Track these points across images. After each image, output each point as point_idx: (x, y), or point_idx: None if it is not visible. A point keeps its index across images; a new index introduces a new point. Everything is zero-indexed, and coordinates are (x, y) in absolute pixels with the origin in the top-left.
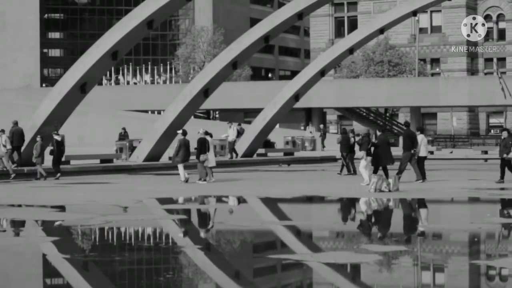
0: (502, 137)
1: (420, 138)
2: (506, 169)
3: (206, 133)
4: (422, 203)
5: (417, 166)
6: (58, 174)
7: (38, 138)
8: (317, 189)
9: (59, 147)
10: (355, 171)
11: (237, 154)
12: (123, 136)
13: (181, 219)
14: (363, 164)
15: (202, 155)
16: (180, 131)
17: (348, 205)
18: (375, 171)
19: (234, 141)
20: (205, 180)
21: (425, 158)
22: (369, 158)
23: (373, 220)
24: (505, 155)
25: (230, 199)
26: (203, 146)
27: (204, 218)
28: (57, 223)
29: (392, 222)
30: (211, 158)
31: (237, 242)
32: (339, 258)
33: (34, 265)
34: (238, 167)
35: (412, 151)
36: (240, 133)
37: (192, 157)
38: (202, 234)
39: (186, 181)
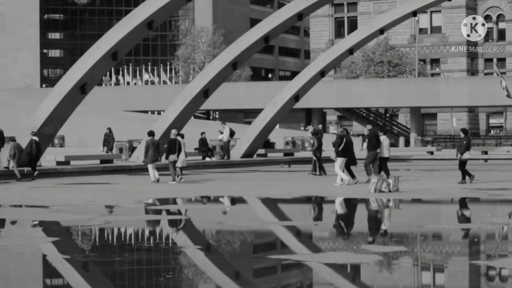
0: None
1: (382, 139)
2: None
3: (178, 134)
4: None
5: (376, 167)
6: (36, 172)
7: (13, 140)
8: (317, 190)
9: (38, 147)
10: (322, 172)
11: (229, 156)
12: (108, 136)
13: (181, 219)
14: (337, 165)
15: (171, 155)
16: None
17: (348, 205)
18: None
19: (228, 141)
20: (174, 180)
21: (387, 159)
22: (340, 159)
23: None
24: (459, 156)
25: (225, 200)
26: (172, 146)
27: (204, 217)
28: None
29: (390, 222)
30: (181, 159)
31: (237, 242)
32: (339, 259)
33: (34, 265)
34: (238, 167)
35: (377, 151)
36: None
37: (194, 157)
38: (202, 234)
39: (157, 181)
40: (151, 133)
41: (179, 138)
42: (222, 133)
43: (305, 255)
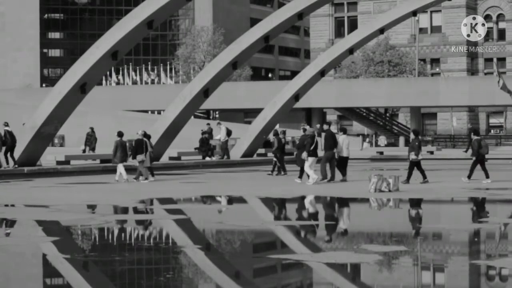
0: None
1: (342, 139)
2: (423, 168)
3: (145, 134)
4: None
5: (329, 166)
6: (5, 166)
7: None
8: (317, 189)
9: (12, 137)
10: (283, 172)
11: (228, 155)
12: (90, 136)
13: (182, 219)
14: (308, 164)
15: (139, 155)
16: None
17: (348, 205)
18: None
19: (226, 141)
20: (146, 178)
21: (347, 158)
22: (311, 158)
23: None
24: (411, 157)
25: (225, 199)
26: (139, 147)
27: (204, 217)
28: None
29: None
30: (147, 159)
31: (237, 242)
32: (339, 258)
33: (34, 265)
34: (238, 167)
35: (334, 151)
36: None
37: (194, 157)
38: (202, 233)
39: (126, 180)
40: (120, 134)
41: (145, 138)
42: (203, 133)
43: (305, 254)
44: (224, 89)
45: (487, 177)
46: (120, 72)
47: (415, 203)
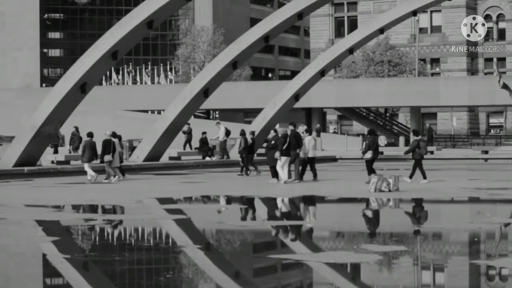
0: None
1: (308, 139)
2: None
3: (114, 135)
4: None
5: (298, 167)
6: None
7: None
8: (317, 189)
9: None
10: (246, 173)
11: (228, 155)
12: (74, 135)
13: (182, 219)
14: (280, 164)
15: (106, 155)
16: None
17: (347, 205)
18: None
19: (225, 141)
20: (115, 176)
21: (313, 159)
22: (284, 158)
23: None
24: (364, 156)
25: (225, 199)
26: (107, 147)
27: (204, 217)
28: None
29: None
30: (116, 159)
31: (237, 242)
32: (339, 258)
33: (34, 265)
34: (238, 167)
35: (298, 151)
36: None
37: (194, 157)
38: (202, 233)
39: (94, 180)
40: (89, 135)
41: (114, 139)
42: (184, 132)
43: (305, 254)
44: (224, 89)
45: (424, 178)
46: (120, 72)
47: (415, 203)
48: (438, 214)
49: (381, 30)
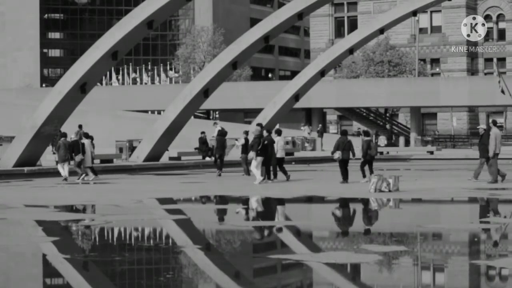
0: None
1: (277, 140)
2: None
3: (86, 135)
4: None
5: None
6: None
7: None
8: (316, 189)
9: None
10: (219, 171)
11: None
12: (56, 136)
13: (182, 219)
14: (254, 164)
15: (77, 156)
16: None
17: (347, 205)
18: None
19: None
20: (86, 174)
21: (282, 159)
22: (260, 158)
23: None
24: (334, 156)
25: (225, 199)
26: (75, 147)
27: (204, 217)
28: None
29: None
30: (87, 159)
31: (237, 242)
32: (339, 258)
33: (34, 265)
34: (238, 167)
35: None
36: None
37: (194, 157)
38: (202, 233)
39: (65, 179)
40: (63, 135)
41: (84, 139)
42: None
43: (305, 254)
44: (224, 89)
45: (364, 177)
46: (120, 72)
47: (415, 203)
48: (438, 214)
49: (381, 30)
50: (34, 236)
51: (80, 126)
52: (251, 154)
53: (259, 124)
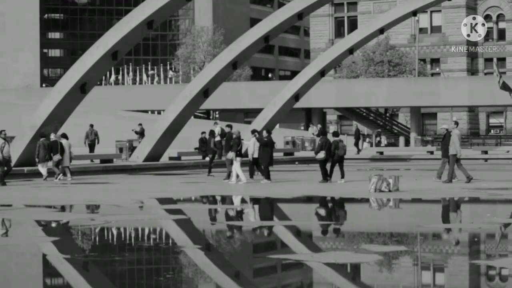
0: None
1: (253, 141)
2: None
3: (64, 135)
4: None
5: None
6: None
7: None
8: (316, 189)
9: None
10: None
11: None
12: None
13: (182, 219)
14: (237, 165)
15: (54, 156)
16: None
17: (347, 205)
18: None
19: (220, 141)
20: (61, 175)
21: (257, 159)
22: (239, 158)
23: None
24: (316, 156)
25: (225, 199)
26: (54, 148)
27: (204, 217)
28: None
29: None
30: (65, 159)
31: (237, 242)
32: (339, 258)
33: (34, 265)
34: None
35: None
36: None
37: (194, 157)
38: (202, 233)
39: (45, 179)
40: (42, 135)
41: (63, 140)
42: (136, 132)
43: (305, 254)
44: (224, 89)
45: (342, 177)
46: (120, 72)
47: (415, 203)
48: (438, 214)
49: (381, 30)
50: (34, 236)
51: (91, 126)
52: (230, 154)
53: (229, 125)
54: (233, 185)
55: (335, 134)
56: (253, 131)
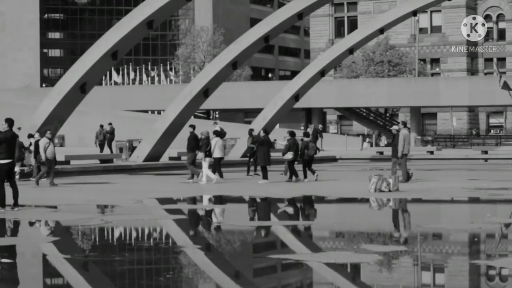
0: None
1: (215, 141)
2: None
3: (43, 134)
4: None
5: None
6: None
7: None
8: (316, 189)
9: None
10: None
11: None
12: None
13: (182, 219)
14: (206, 165)
15: (38, 155)
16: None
17: (347, 205)
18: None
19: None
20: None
21: (220, 159)
22: (208, 159)
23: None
24: (284, 157)
25: (225, 199)
26: (37, 147)
27: (204, 217)
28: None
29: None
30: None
31: (237, 242)
32: (339, 258)
33: (34, 265)
34: (238, 167)
35: (196, 152)
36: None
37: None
38: (202, 234)
39: (18, 177)
40: (30, 135)
41: (44, 138)
42: (107, 132)
43: (305, 254)
44: (224, 89)
45: (313, 173)
46: (120, 72)
47: (415, 203)
48: (438, 214)
49: (381, 30)
50: (34, 236)
51: (101, 126)
52: (200, 155)
53: (192, 126)
54: (204, 185)
55: (306, 135)
56: (250, 131)
